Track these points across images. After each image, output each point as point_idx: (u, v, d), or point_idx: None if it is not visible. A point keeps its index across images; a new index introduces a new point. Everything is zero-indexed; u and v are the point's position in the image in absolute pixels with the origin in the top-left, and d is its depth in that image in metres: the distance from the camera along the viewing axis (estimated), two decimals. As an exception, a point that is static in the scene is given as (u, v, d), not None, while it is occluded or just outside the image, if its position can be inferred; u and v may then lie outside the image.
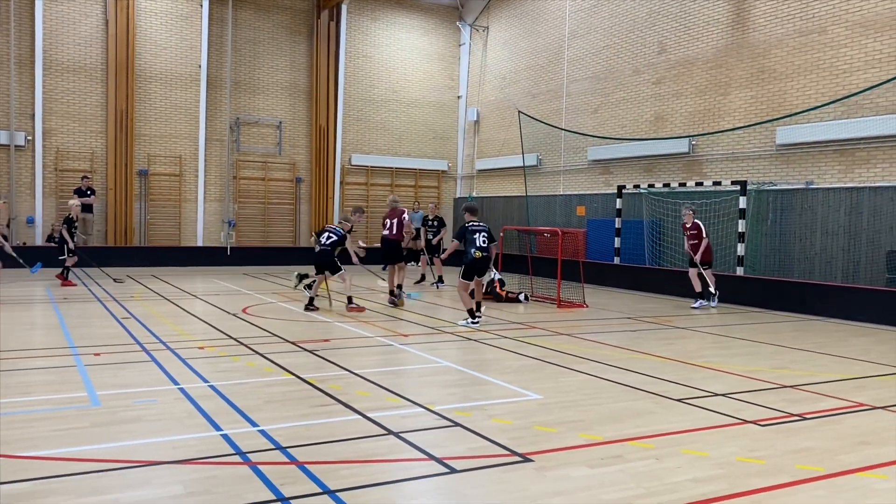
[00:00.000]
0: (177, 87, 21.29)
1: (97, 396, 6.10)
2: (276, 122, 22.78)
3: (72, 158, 20.21)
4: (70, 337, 9.04)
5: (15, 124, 19.41)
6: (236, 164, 22.25)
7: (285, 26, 22.81)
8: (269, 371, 7.31)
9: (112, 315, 10.96)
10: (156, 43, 20.97)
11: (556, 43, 21.24)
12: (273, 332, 9.64)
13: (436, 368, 7.86)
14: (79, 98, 20.23)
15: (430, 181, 25.17)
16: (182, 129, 21.45)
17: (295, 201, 23.14)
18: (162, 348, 8.31)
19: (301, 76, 23.08)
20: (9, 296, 13.24)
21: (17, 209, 19.53)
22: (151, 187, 21.05)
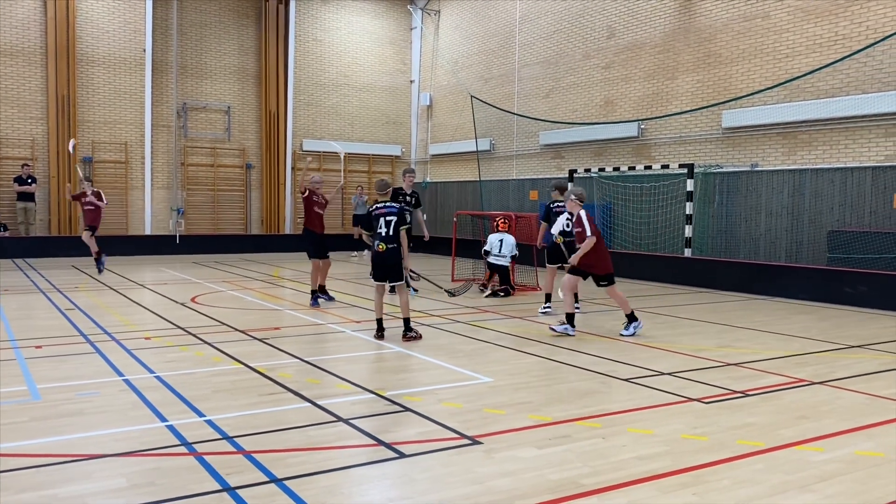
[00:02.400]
0: (121, 71, 20.70)
1: (37, 390, 5.94)
2: (225, 107, 22.34)
3: (11, 146, 19.52)
4: (10, 329, 8.76)
5: (-51, 110, 18.66)
6: (184, 150, 21.77)
7: (232, 9, 22.32)
8: (217, 360, 7.20)
9: (56, 306, 10.66)
10: (97, 26, 20.33)
11: (507, 27, 21.25)
12: (222, 321, 9.50)
13: (388, 354, 7.85)
14: (17, 83, 19.51)
15: (384, 166, 25.02)
16: (127, 115, 20.88)
17: (245, 188, 22.77)
18: (107, 339, 8.12)
19: (250, 60, 22.65)
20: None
21: (-46, 199, 18.81)
22: (96, 175, 20.44)
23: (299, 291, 12.95)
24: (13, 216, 19.19)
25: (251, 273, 16.14)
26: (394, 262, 8.42)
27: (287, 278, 15.47)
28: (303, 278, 14.89)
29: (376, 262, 8.51)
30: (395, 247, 8.43)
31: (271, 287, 13.93)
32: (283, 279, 15.35)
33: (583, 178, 18.00)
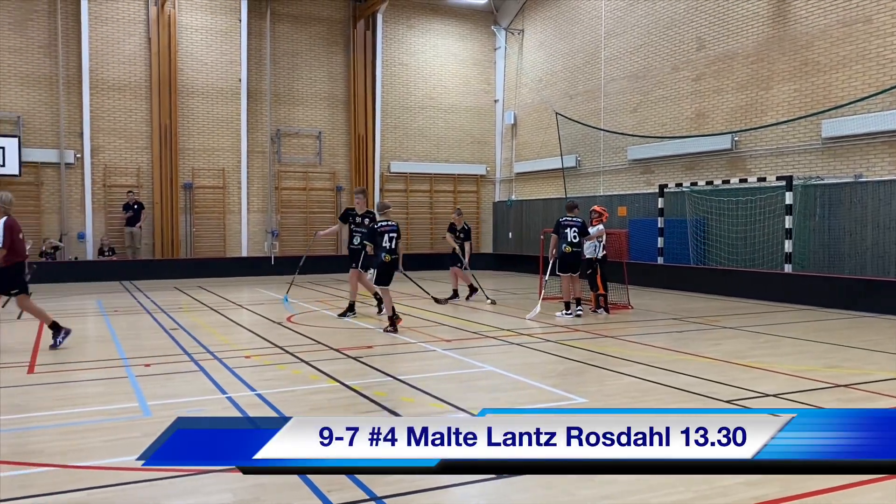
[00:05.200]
0: (218, 101, 21.71)
1: (148, 406, 6.24)
2: (316, 132, 23.05)
3: (119, 174, 20.74)
4: (121, 348, 9.26)
5: (64, 143, 20.00)
6: (278, 174, 22.57)
7: (322, 37, 23.08)
8: (314, 378, 7.38)
9: (161, 326, 11.19)
10: (197, 59, 21.41)
11: (592, 43, 21.09)
12: (317, 340, 9.73)
13: (479, 373, 7.84)
14: (124, 115, 20.76)
15: (469, 186, 25.19)
16: (224, 142, 21.85)
17: (336, 210, 23.34)
18: (209, 358, 8.46)
19: (339, 86, 23.32)
20: (64, 308, 13.61)
21: (69, 225, 20.11)
22: (196, 200, 21.47)
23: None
24: (121, 240, 20.37)
25: (343, 293, 16.49)
26: (387, 270, 10.63)
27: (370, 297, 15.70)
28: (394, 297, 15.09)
29: (381, 270, 10.64)
30: (396, 258, 10.73)
31: (362, 307, 14.18)
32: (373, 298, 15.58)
33: (674, 193, 17.58)
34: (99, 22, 20.26)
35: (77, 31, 19.98)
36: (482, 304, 14.08)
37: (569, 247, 11.91)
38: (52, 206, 20.10)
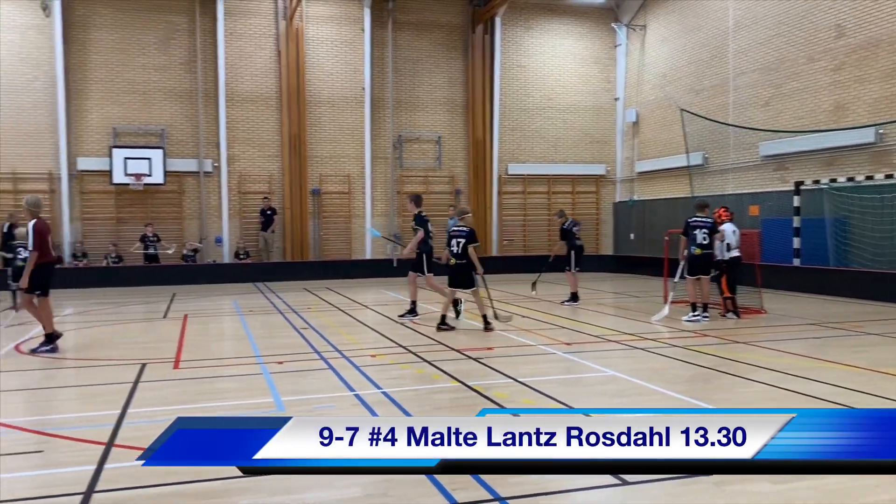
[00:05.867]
0: (343, 109, 22.50)
1: (282, 402, 6.56)
2: (436, 136, 23.44)
3: (252, 181, 21.93)
4: (256, 346, 9.79)
5: (203, 153, 21.37)
6: (399, 179, 23.12)
7: (442, 43, 23.44)
8: (436, 378, 7.51)
9: (292, 325, 11.72)
10: (323, 70, 22.29)
11: (719, 36, 20.23)
12: (438, 341, 9.89)
13: (602, 377, 7.71)
14: (257, 126, 21.92)
15: (588, 186, 24.79)
16: (349, 149, 22.61)
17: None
18: (337, 356, 8.79)
19: (458, 91, 23.60)
20: (203, 308, 14.54)
21: (207, 230, 21.47)
22: (323, 205, 22.35)
23: (508, 312, 13.14)
24: (255, 244, 21.54)
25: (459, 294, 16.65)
26: (463, 273, 10.71)
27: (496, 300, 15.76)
28: (511, 300, 15.12)
29: (450, 274, 10.89)
30: (465, 262, 10.67)
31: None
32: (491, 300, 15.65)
33: (811, 191, 16.56)
34: (233, 38, 21.50)
35: (214, 48, 21.28)
36: (606, 307, 13.81)
37: (698, 249, 11.47)
38: (192, 212, 21.53)
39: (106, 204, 20.86)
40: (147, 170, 20.22)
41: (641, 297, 15.90)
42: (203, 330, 11.88)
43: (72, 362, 9.10)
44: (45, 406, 6.83)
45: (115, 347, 10.06)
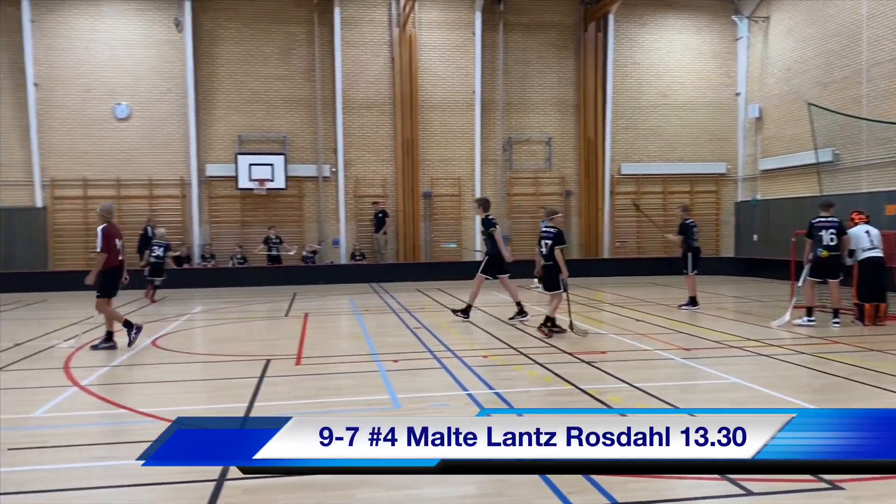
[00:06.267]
0: (454, 113, 22.74)
1: (398, 399, 6.72)
2: (546, 137, 23.27)
3: (367, 185, 22.54)
4: (372, 344, 10.06)
5: (322, 158, 22.17)
6: (509, 181, 23.12)
7: (553, 43, 23.26)
8: (548, 381, 7.46)
9: (405, 325, 11.97)
10: (435, 74, 22.61)
11: (851, 24, 18.99)
12: (550, 343, 9.81)
13: (723, 384, 7.42)
14: (372, 131, 22.52)
15: (707, 186, 23.88)
16: (460, 152, 22.83)
17: (565, 214, 23.38)
18: (450, 356, 8.89)
19: (569, 91, 23.35)
20: (323, 308, 15.09)
21: (325, 232, 22.25)
22: (434, 208, 22.68)
23: (621, 316, 12.88)
24: (370, 245, 22.15)
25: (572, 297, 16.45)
26: (549, 275, 10.46)
27: (608, 302, 15.50)
28: (624, 302, 14.80)
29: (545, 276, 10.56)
30: (552, 263, 10.33)
31: (592, 311, 14.07)
32: (604, 303, 15.41)
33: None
34: (349, 46, 22.17)
35: (331, 57, 22.03)
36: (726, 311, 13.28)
37: (825, 251, 10.88)
38: (311, 215, 22.38)
39: (232, 208, 22.03)
40: (270, 175, 21.20)
41: (765, 301, 15.17)
42: (322, 328, 12.33)
43: (201, 357, 9.68)
44: (178, 398, 7.29)
45: (241, 344, 10.62)
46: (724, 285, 18.93)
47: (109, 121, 21.26)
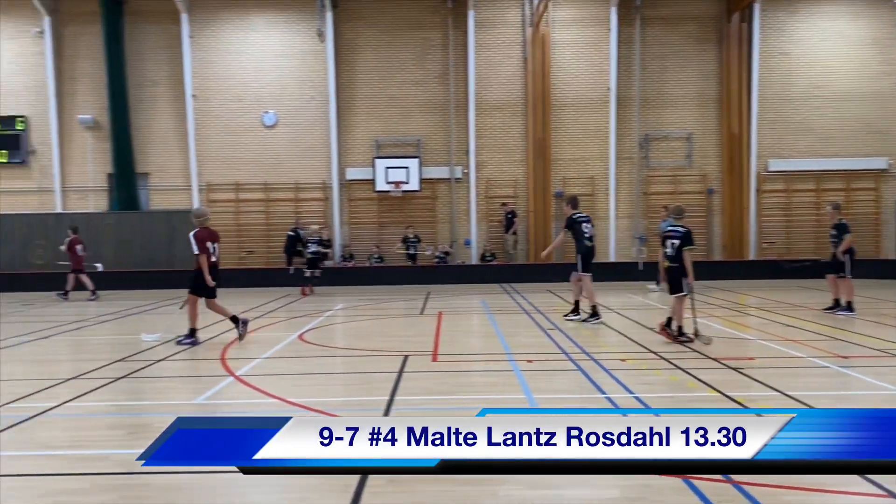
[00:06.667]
0: (588, 111, 22.39)
1: (534, 399, 6.69)
2: (685, 133, 22.43)
3: (498, 186, 22.63)
4: (506, 344, 10.08)
5: (454, 160, 22.49)
6: (645, 179, 22.47)
7: (693, 36, 22.39)
8: (692, 387, 7.18)
9: (538, 326, 11.90)
10: (568, 72, 22.36)
11: None
12: (692, 348, 9.44)
13: (885, 396, 6.85)
14: (504, 132, 22.58)
15: (865, 183, 22.14)
16: (593, 150, 22.45)
17: (706, 213, 22.43)
18: (585, 358, 8.76)
19: (710, 84, 22.39)
20: (456, 307, 15.29)
21: (457, 233, 22.56)
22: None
23: (768, 320, 12.19)
24: (499, 246, 22.22)
25: (715, 300, 15.77)
26: (674, 277, 9.85)
27: (753, 306, 14.72)
28: (772, 306, 14.00)
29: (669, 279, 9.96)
30: (678, 265, 9.75)
31: (738, 315, 13.41)
32: (749, 307, 14.66)
33: None
34: (483, 49, 22.35)
35: (464, 60, 22.29)
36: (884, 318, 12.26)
37: None
38: (444, 216, 22.75)
39: (369, 210, 22.80)
40: (405, 177, 21.77)
41: (934, 307, 13.87)
42: (456, 326, 12.50)
43: (343, 351, 10.07)
44: (323, 389, 7.63)
45: (380, 340, 10.95)
46: (884, 290, 17.47)
47: (258, 128, 22.59)
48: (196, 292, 10.36)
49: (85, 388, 7.51)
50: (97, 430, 6.13)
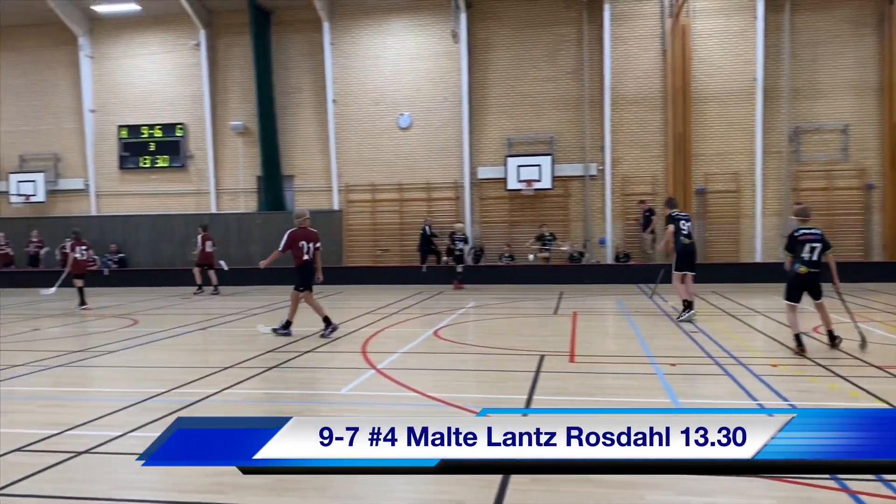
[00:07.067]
0: (731, 103, 21.33)
1: (680, 404, 6.45)
2: (841, 126, 20.87)
3: (635, 183, 22.00)
4: (646, 346, 9.78)
5: (588, 157, 22.10)
6: (795, 175, 21.11)
7: (849, 20, 20.80)
8: (854, 396, 6.68)
9: (680, 328, 11.46)
10: (710, 64, 21.40)
11: None
12: (851, 354, 8.77)
13: None
14: (640, 127, 21.93)
15: None
16: (737, 145, 21.37)
17: (864, 211, 20.78)
18: (733, 363, 8.34)
19: (869, 72, 20.71)
20: (591, 307, 15.03)
21: (591, 232, 22.15)
22: (709, 205, 21.47)
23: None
24: (635, 246, 21.60)
25: (874, 304, 14.58)
26: (816, 283, 8.94)
27: None
28: (945, 312, 12.76)
29: (794, 285, 9.03)
30: (817, 272, 8.89)
31: None
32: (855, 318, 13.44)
33: None
34: (619, 42, 21.82)
35: (600, 55, 21.85)
36: None
37: None
38: (577, 214, 22.41)
39: (500, 208, 22.84)
40: (537, 176, 21.63)
41: None
42: (592, 327, 12.29)
43: (478, 349, 10.14)
44: (460, 385, 7.70)
45: (514, 339, 10.94)
46: None
47: (394, 130, 23.20)
48: (300, 288, 11.05)
49: (240, 376, 8.01)
50: (253, 416, 6.51)
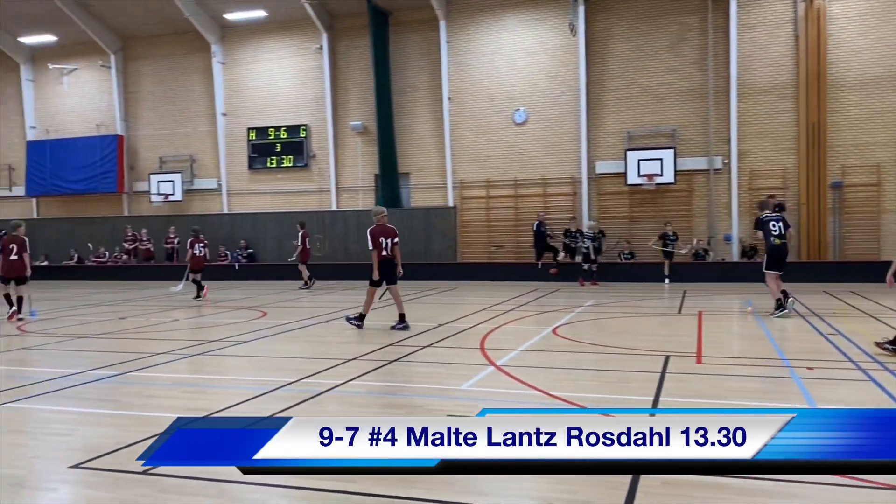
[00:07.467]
0: (873, 91, 19.86)
1: (820, 410, 6.04)
2: None
3: (764, 177, 20.89)
4: (779, 349, 9.25)
5: (713, 150, 21.18)
6: (946, 166, 19.40)
7: None
8: None
9: (816, 330, 10.77)
10: (848, 49, 20.00)
11: None
12: None
13: None
14: (770, 118, 20.80)
15: None
16: (879, 135, 19.87)
17: None
18: (878, 368, 7.74)
19: None
20: (713, 306, 14.40)
21: (715, 228, 21.22)
22: (846, 200, 20.08)
23: None
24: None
25: None
26: None
27: None
28: None
29: None
30: None
31: None
32: None
33: None
34: (746, 29, 20.78)
35: (725, 43, 20.88)
36: None
37: None
38: (701, 210, 21.54)
39: (620, 204, 22.29)
40: (658, 170, 20.95)
41: None
42: (719, 327, 11.77)
43: (599, 348, 9.91)
44: (581, 385, 7.54)
45: (637, 338, 10.63)
46: None
47: (509, 126, 23.13)
48: (375, 284, 11.23)
49: (363, 368, 8.20)
50: (375, 407, 6.65)
